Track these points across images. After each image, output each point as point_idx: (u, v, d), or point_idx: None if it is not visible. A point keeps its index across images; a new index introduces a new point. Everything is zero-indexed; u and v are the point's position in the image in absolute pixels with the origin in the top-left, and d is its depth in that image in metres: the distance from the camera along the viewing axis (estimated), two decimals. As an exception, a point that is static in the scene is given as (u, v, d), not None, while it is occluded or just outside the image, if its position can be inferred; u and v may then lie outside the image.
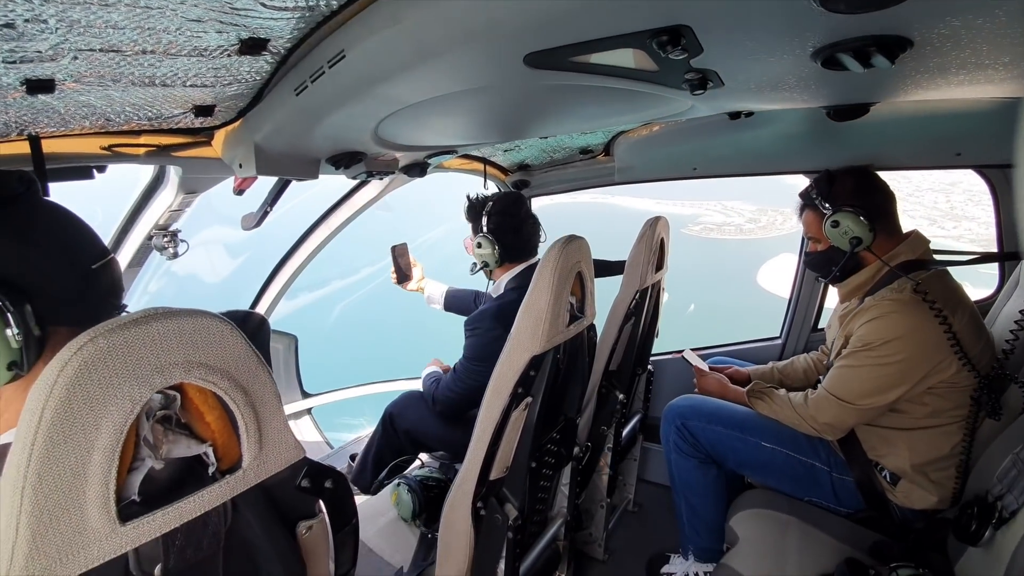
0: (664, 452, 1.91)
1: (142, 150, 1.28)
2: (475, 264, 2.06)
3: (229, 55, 0.88)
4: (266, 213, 1.61)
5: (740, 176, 2.29)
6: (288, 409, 3.15)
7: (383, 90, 0.94)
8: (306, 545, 0.84)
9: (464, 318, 2.08)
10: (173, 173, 1.47)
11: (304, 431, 3.22)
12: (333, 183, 1.88)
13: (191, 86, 1.03)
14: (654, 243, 1.96)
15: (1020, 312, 1.43)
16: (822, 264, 1.73)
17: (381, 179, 1.61)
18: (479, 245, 1.97)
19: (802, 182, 1.88)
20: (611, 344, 1.89)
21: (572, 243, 1.25)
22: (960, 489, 1.51)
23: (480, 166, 2.25)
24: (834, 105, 1.25)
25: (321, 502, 0.86)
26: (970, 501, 1.27)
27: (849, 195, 1.62)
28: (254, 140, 1.24)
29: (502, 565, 1.30)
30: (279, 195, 1.60)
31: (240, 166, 1.29)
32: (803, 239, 2.30)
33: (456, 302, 2.55)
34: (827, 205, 1.64)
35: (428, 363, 2.28)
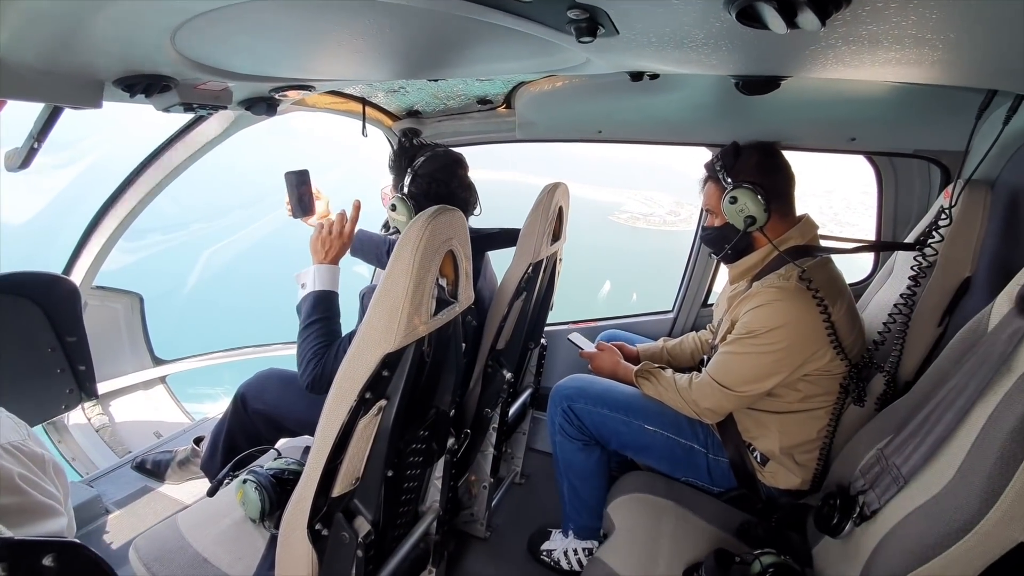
0: (549, 433, 1.83)
1: None
2: (388, 226, 1.72)
3: None
4: (34, 150, 1.19)
5: (646, 143, 2.17)
6: (137, 378, 2.72)
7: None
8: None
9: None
10: None
11: (158, 403, 2.80)
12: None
13: None
14: (551, 212, 1.78)
15: (895, 305, 1.45)
16: (716, 240, 1.66)
17: (210, 114, 1.25)
18: (393, 207, 1.63)
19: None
20: (499, 322, 1.73)
21: (441, 216, 1.03)
22: (822, 472, 1.57)
23: (358, 107, 1.90)
24: (744, 76, 1.11)
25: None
26: (832, 492, 1.29)
27: (751, 171, 1.54)
28: None
29: (352, 583, 1.13)
30: (49, 126, 1.17)
31: (-31, 83, 0.90)
32: (702, 212, 2.25)
33: (361, 246, 2.11)
34: (728, 179, 1.55)
35: (321, 246, 1.58)
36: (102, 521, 1.97)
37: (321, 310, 1.51)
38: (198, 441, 2.16)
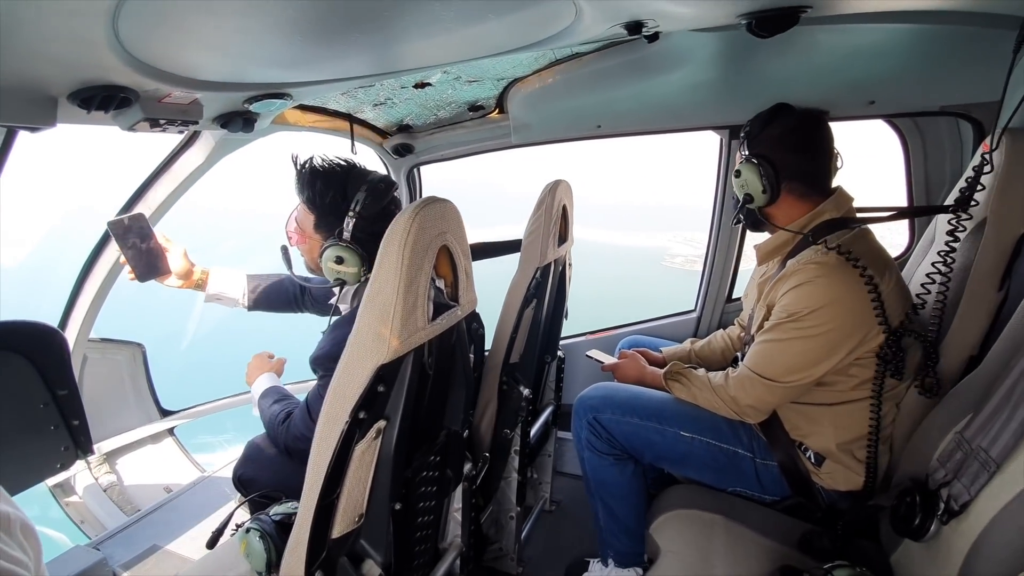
0: (576, 449, 1.67)
1: None
2: (335, 281, 1.36)
3: None
4: (-9, 181, 1.12)
5: (649, 133, 2.07)
6: (144, 432, 2.62)
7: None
8: None
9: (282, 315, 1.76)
10: None
11: (167, 456, 2.69)
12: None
13: None
14: (555, 211, 1.68)
15: (932, 264, 1.30)
16: (737, 206, 1.54)
17: (181, 131, 1.17)
18: (339, 260, 1.30)
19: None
20: (510, 333, 1.60)
21: (430, 207, 0.92)
22: (874, 469, 1.39)
23: (345, 125, 1.83)
24: (756, 12, 1.00)
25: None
26: (908, 488, 1.12)
27: (770, 144, 1.43)
28: None
29: (364, 639, 0.99)
30: (5, 150, 1.09)
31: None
32: (723, 178, 2.14)
33: (269, 298, 1.79)
34: (746, 149, 1.45)
35: (256, 369, 1.63)
36: (106, 587, 1.84)
37: (275, 394, 1.54)
38: None
